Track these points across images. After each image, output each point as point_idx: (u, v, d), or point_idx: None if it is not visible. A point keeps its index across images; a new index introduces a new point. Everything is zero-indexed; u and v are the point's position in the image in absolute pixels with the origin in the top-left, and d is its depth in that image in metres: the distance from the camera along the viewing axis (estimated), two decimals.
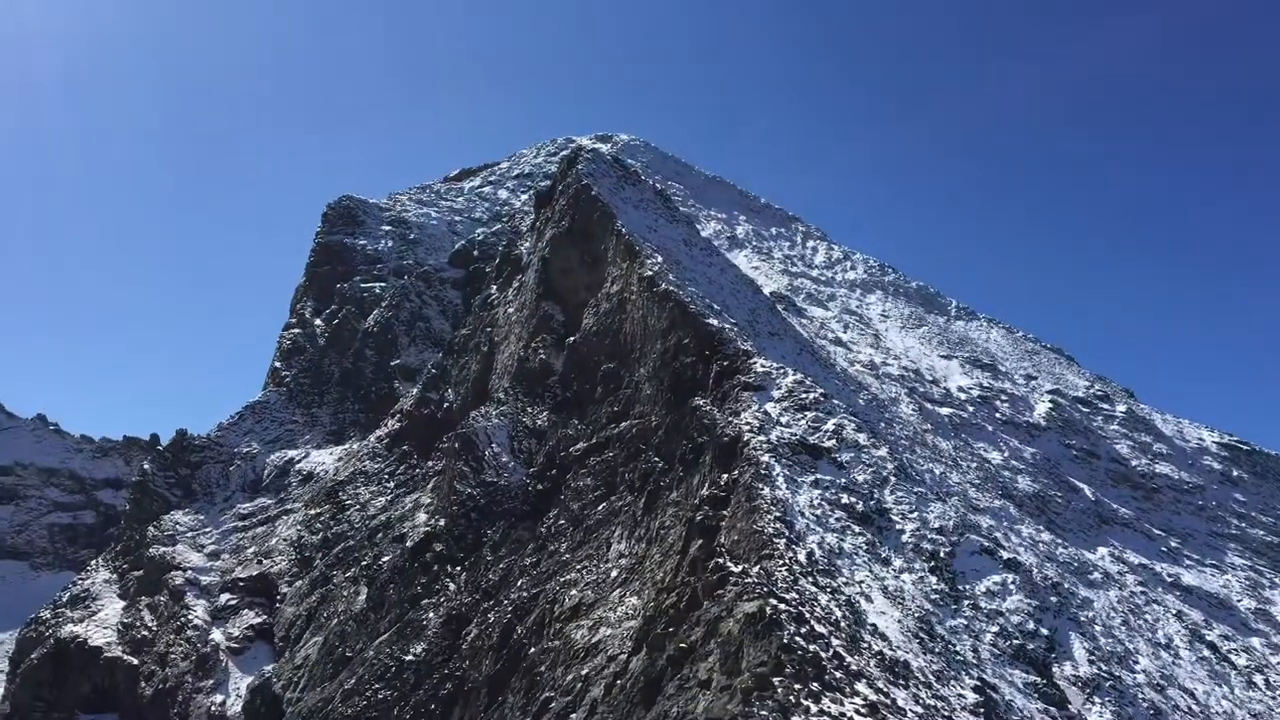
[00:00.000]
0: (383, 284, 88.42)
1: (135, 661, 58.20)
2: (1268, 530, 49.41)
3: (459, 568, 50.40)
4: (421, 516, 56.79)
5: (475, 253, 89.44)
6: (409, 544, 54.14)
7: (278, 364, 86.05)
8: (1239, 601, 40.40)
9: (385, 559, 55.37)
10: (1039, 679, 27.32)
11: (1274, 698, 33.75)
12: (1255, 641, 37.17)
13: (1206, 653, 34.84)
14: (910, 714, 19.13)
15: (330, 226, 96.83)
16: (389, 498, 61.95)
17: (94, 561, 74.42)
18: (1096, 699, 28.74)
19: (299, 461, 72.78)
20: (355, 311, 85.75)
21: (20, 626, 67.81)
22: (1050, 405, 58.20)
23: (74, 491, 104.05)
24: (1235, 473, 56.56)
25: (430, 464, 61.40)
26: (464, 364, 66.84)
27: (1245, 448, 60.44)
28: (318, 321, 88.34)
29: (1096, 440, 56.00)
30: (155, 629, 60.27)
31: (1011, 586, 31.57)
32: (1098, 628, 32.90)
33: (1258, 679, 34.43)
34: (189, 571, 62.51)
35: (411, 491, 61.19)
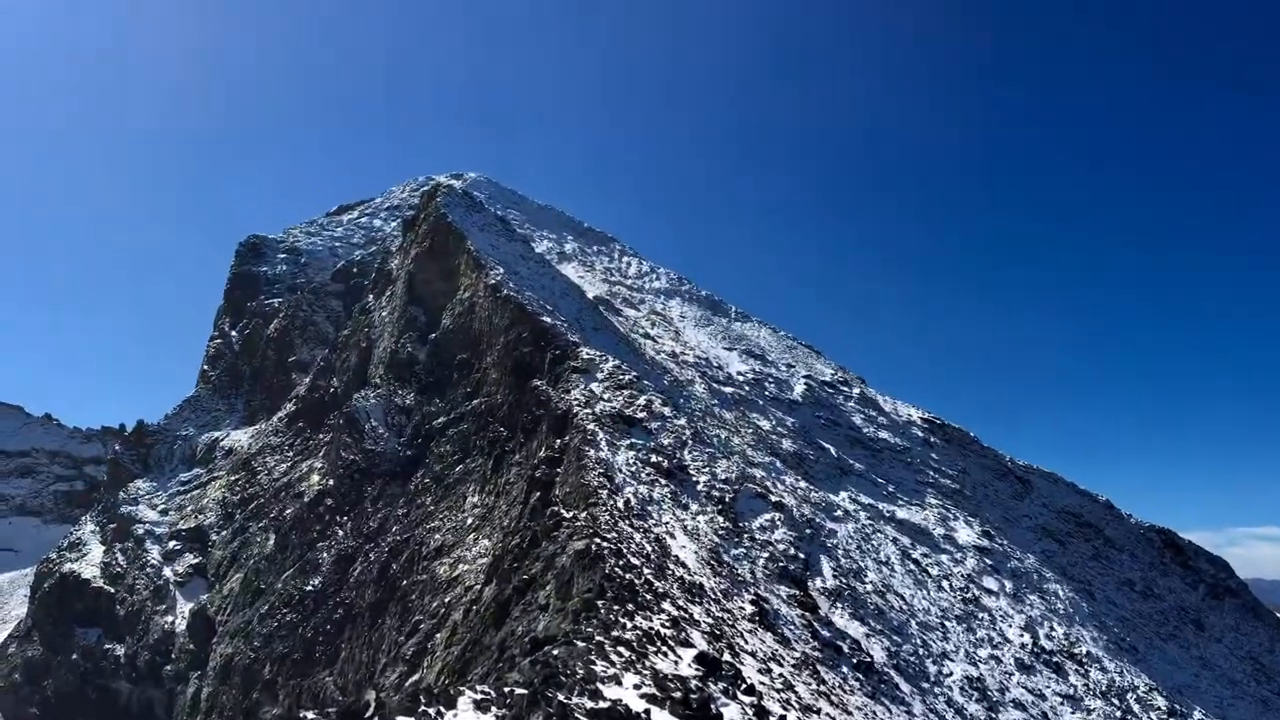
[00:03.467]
0: (281, 299, 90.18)
1: (112, 590, 63.52)
2: (952, 480, 53.13)
3: (346, 517, 51.03)
4: (315, 478, 57.71)
5: (354, 270, 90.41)
6: (306, 499, 55.71)
7: (205, 367, 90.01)
8: (933, 530, 43.30)
9: (288, 511, 57.10)
10: (798, 591, 28.63)
11: (954, 596, 36.75)
12: (944, 558, 40.11)
13: (912, 566, 37.48)
14: (704, 624, 19.52)
15: (241, 260, 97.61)
16: (290, 464, 63.53)
17: (84, 518, 78.75)
18: (839, 604, 30.43)
19: (222, 440, 76.58)
20: (261, 323, 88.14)
21: (36, 564, 75.08)
22: (805, 387, 60.01)
23: (70, 467, 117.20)
24: (932, 439, 59.96)
25: (321, 437, 62.00)
26: (346, 358, 64.74)
27: (939, 422, 64.17)
28: (234, 333, 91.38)
29: (838, 413, 58.10)
30: (125, 566, 65.03)
31: (778, 523, 32.88)
32: (840, 551, 34.76)
33: (945, 584, 37.40)
34: (147, 524, 68.34)
35: (307, 458, 61.72)
